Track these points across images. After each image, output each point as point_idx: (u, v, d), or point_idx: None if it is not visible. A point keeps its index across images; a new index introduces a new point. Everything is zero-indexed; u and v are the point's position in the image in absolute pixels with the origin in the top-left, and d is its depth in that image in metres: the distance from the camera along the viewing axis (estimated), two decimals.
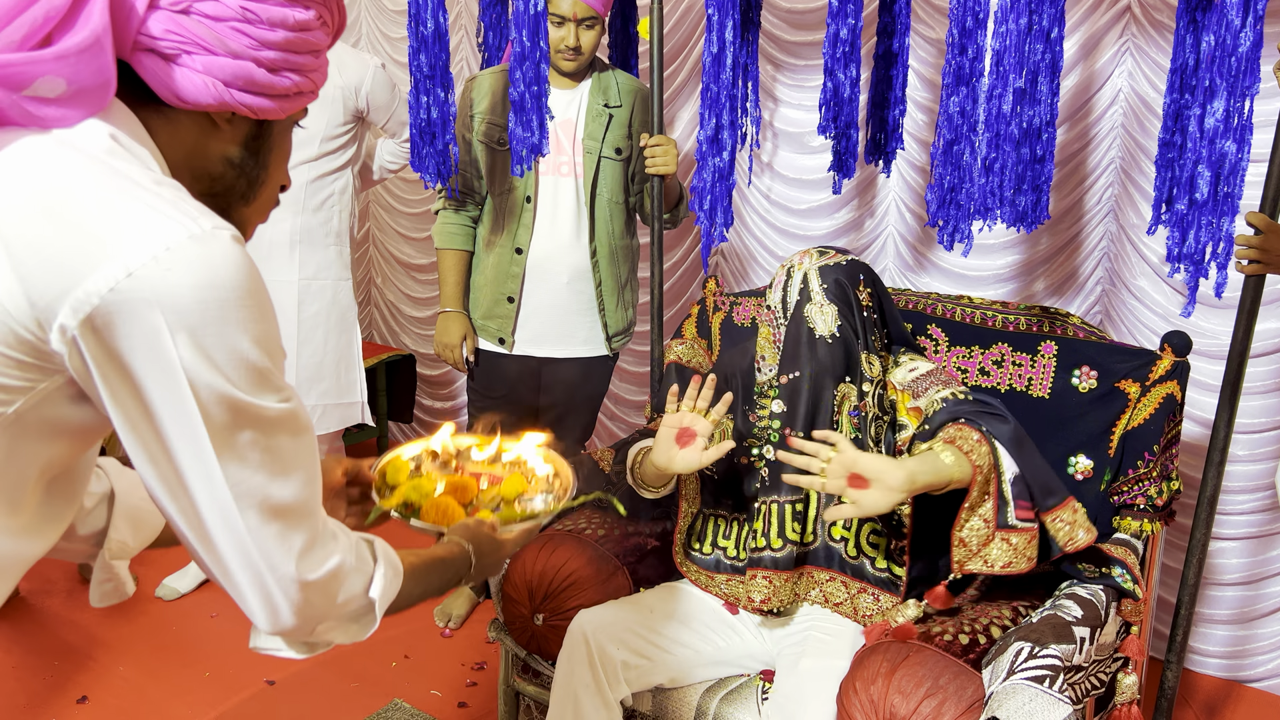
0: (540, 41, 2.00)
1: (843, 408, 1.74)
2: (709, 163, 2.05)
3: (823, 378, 1.73)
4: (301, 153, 2.65)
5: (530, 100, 2.05)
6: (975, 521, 1.55)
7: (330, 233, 2.77)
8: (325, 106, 2.66)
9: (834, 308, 1.74)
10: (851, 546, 1.76)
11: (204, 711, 2.39)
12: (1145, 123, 2.38)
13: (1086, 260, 2.57)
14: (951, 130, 1.90)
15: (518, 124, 2.09)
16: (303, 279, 2.72)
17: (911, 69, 2.61)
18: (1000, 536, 1.54)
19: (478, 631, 2.75)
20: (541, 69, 2.04)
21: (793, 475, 1.58)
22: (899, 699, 1.43)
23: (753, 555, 1.76)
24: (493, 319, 2.54)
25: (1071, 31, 2.39)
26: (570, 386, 2.60)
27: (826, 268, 1.76)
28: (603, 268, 2.51)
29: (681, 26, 3.02)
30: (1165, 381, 1.81)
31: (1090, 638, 1.50)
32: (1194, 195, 1.64)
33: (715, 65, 1.97)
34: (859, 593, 1.76)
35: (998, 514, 1.55)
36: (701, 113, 2.04)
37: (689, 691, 1.76)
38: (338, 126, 2.70)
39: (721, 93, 1.99)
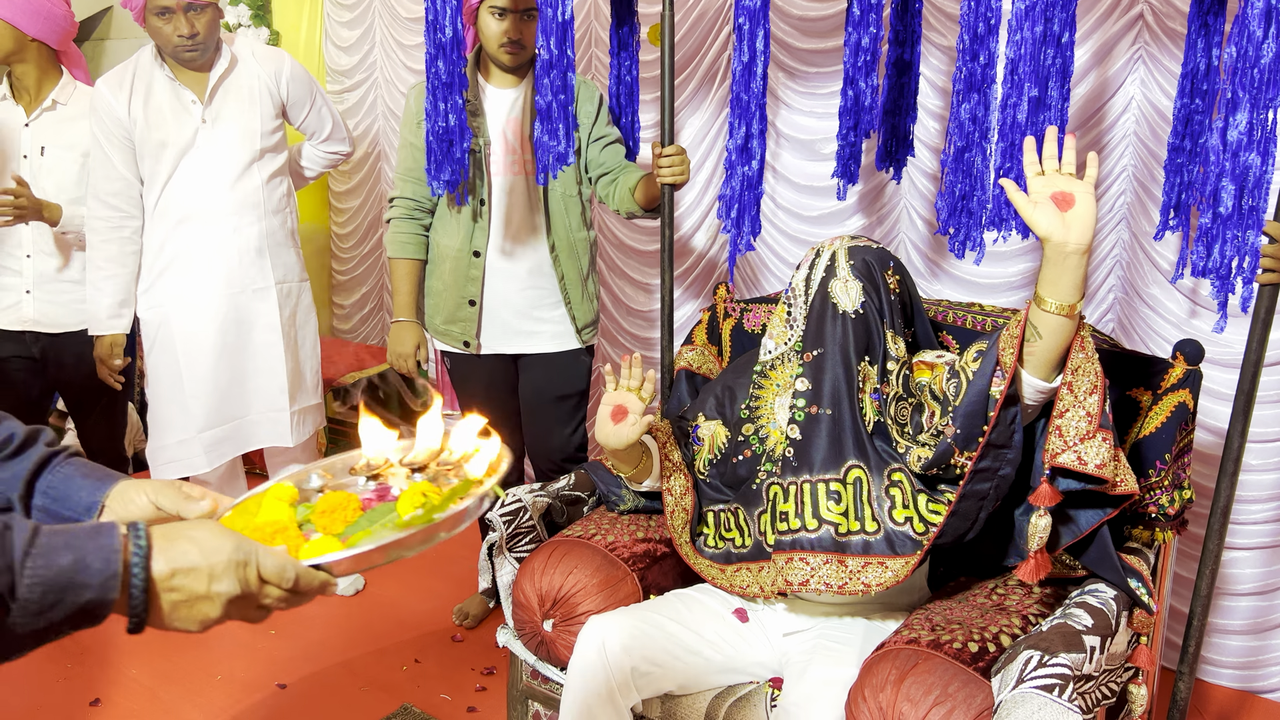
0: (568, 50, 2.00)
1: (865, 388, 1.72)
2: (737, 171, 2.05)
3: (844, 354, 1.72)
4: (245, 151, 2.64)
5: (558, 109, 2.05)
6: (1078, 413, 1.51)
7: (289, 234, 2.78)
8: (256, 102, 2.65)
9: (859, 284, 1.73)
10: (918, 522, 1.67)
11: (216, 715, 2.40)
12: (1158, 130, 2.37)
13: (1099, 268, 2.56)
14: (963, 137, 1.89)
15: (544, 133, 2.09)
16: (277, 283, 2.73)
17: (922, 75, 2.61)
18: (1102, 435, 1.50)
19: (489, 636, 2.75)
20: (569, 77, 2.04)
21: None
22: (907, 706, 1.43)
23: (782, 537, 1.71)
24: (455, 323, 2.54)
25: (1084, 39, 2.38)
26: (548, 380, 2.60)
27: (856, 248, 1.77)
28: (563, 262, 2.51)
29: (693, 35, 3.03)
30: (1178, 390, 1.80)
31: (1101, 647, 1.50)
32: (1218, 209, 1.63)
33: (746, 74, 1.98)
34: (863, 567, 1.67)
35: (1102, 409, 1.51)
36: (731, 121, 2.04)
37: (698, 698, 1.76)
38: (272, 120, 2.69)
39: (751, 101, 1.99)
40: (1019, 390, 1.56)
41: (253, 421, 2.75)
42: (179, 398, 2.68)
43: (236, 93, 2.63)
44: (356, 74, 4.08)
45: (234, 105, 2.63)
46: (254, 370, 2.73)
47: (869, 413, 1.72)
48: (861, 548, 1.67)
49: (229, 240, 2.65)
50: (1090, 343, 1.53)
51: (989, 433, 1.55)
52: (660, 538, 2.00)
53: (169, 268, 2.65)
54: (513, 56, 2.37)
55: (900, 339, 1.76)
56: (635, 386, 1.79)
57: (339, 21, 4.11)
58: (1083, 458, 1.50)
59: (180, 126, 2.58)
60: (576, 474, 2.13)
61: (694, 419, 1.98)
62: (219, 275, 2.65)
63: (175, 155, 2.59)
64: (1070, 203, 1.47)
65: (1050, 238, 1.47)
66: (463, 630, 2.79)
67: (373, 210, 4.22)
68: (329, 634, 2.76)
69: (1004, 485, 1.61)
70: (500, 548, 1.96)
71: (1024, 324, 1.53)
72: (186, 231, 2.63)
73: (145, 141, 2.57)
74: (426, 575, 3.12)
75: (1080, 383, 1.52)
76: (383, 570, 3.14)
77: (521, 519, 1.97)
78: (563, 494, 2.08)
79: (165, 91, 2.58)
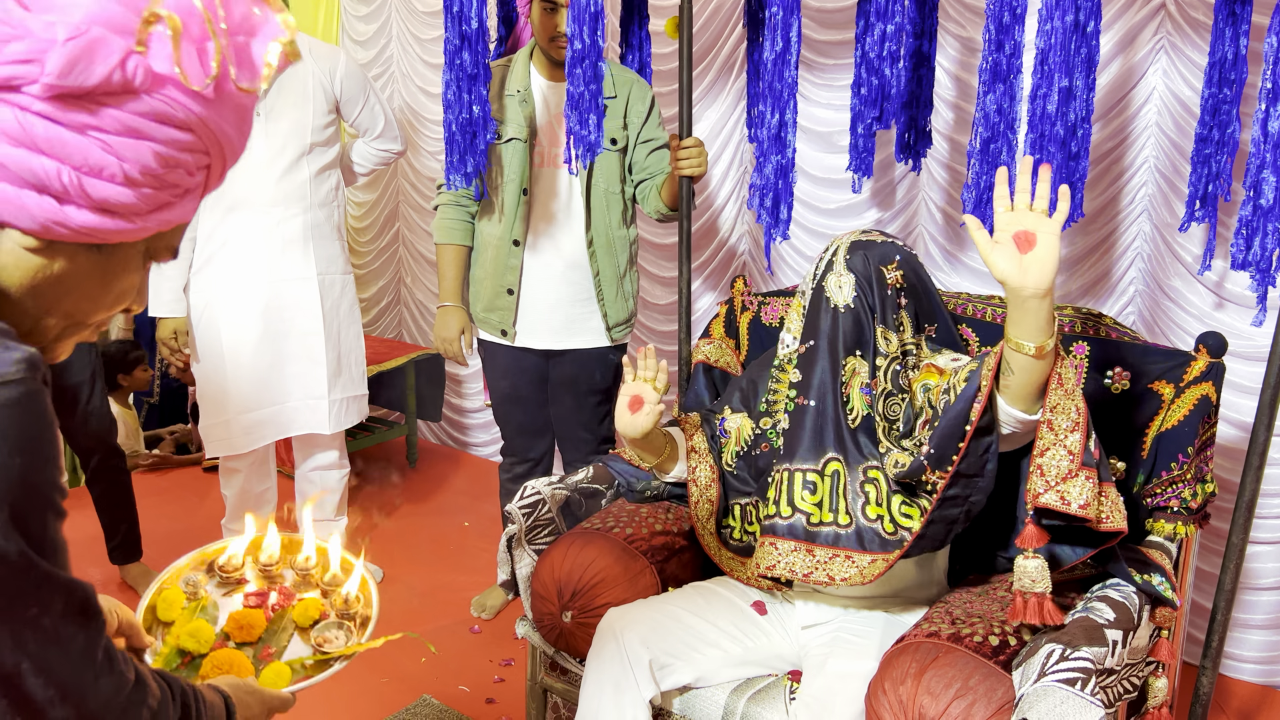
0: (599, 40, 2.01)
1: (853, 382, 1.72)
2: (770, 160, 2.04)
3: (832, 348, 1.73)
4: (295, 145, 2.67)
5: (589, 98, 2.05)
6: (1058, 451, 1.47)
7: (334, 227, 2.81)
8: (309, 97, 2.68)
9: (851, 278, 1.73)
10: (888, 522, 1.68)
11: None
12: (1180, 121, 2.35)
13: (1120, 260, 2.54)
14: (989, 128, 1.88)
15: (576, 122, 2.09)
16: (319, 274, 2.76)
17: (940, 66, 2.60)
18: (1085, 474, 1.46)
19: (507, 628, 2.76)
20: (600, 67, 2.04)
21: None
22: (928, 700, 1.42)
23: (763, 522, 1.76)
24: (494, 311, 2.56)
25: (1106, 28, 2.36)
26: (576, 377, 2.61)
27: (858, 243, 1.76)
28: (600, 258, 2.52)
29: (710, 26, 3.02)
30: (1200, 383, 1.79)
31: (1123, 641, 1.49)
32: (1259, 201, 1.61)
33: (779, 63, 1.97)
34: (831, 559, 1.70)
35: (1084, 446, 1.46)
36: (763, 111, 2.03)
37: (717, 691, 1.76)
38: (324, 116, 2.72)
39: (784, 90, 1.99)
40: (994, 420, 1.55)
41: (293, 408, 2.78)
42: (222, 380, 2.73)
43: (291, 88, 2.67)
44: (373, 68, 4.08)
45: (288, 100, 2.67)
46: (295, 357, 2.77)
47: (857, 407, 1.72)
48: (830, 539, 1.69)
49: (274, 230, 2.70)
50: (1071, 377, 1.49)
51: (957, 462, 1.54)
52: (679, 530, 2.00)
53: (217, 254, 2.70)
54: (559, 50, 2.39)
55: (894, 335, 1.73)
56: (650, 377, 1.81)
57: (356, 16, 4.11)
58: (1065, 497, 1.45)
59: None
60: (595, 467, 2.13)
61: (721, 411, 1.98)
62: (263, 263, 2.70)
63: None
64: (1031, 244, 1.40)
65: (1006, 281, 1.42)
66: (481, 622, 2.80)
67: (389, 204, 4.23)
68: None
69: (975, 509, 1.61)
70: (519, 540, 1.96)
71: (998, 357, 1.51)
72: (235, 220, 2.68)
73: None
74: (445, 567, 3.13)
75: (1060, 420, 1.48)
76: (401, 562, 3.16)
77: (540, 511, 1.97)
78: (581, 487, 2.08)
79: None
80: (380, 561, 3.12)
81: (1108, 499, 1.50)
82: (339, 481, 2.97)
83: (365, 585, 1.22)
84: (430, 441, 4.37)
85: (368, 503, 3.67)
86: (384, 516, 3.58)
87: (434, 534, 3.41)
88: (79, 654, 0.74)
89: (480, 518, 3.54)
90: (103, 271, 0.77)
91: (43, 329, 0.77)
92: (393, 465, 4.10)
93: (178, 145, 0.72)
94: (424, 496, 3.78)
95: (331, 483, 2.96)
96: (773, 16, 1.94)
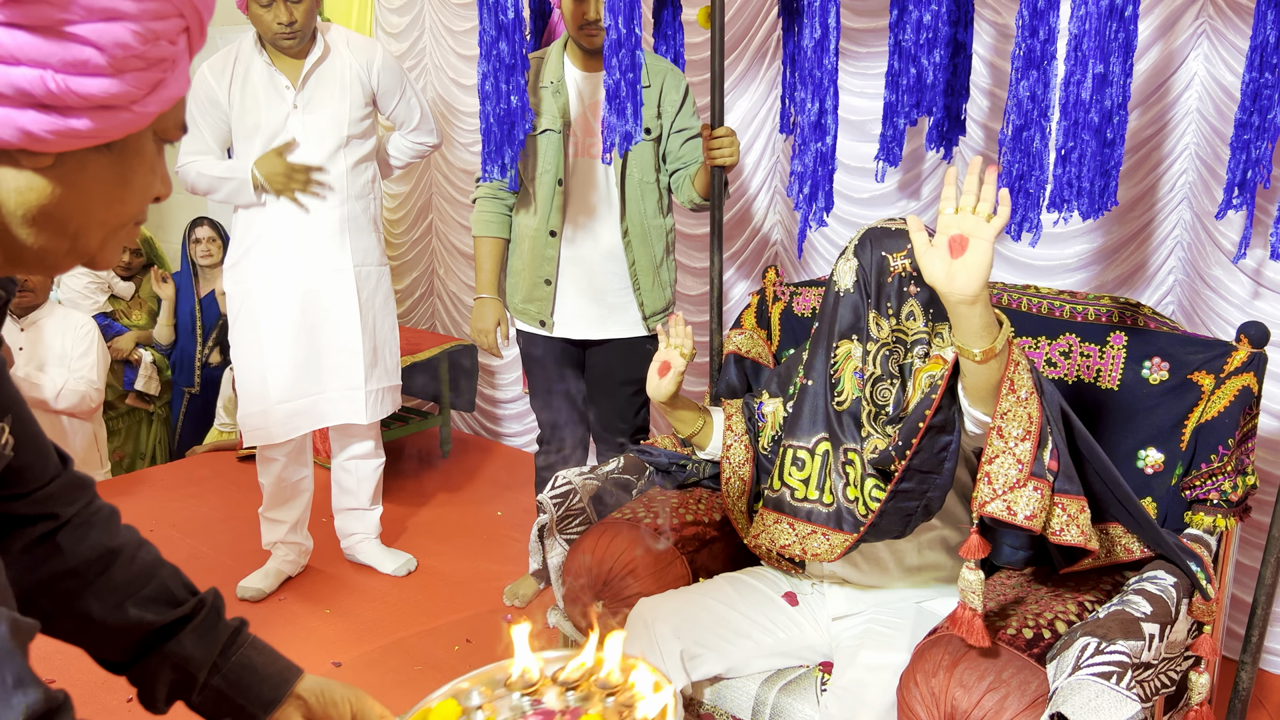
0: (636, 28, 2.01)
1: (846, 365, 1.74)
2: (810, 148, 2.03)
3: (829, 330, 1.77)
4: (332, 137, 2.69)
5: (626, 88, 2.05)
6: (1007, 460, 1.44)
7: (370, 219, 2.83)
8: (346, 90, 2.70)
9: (854, 263, 1.73)
10: (861, 505, 1.70)
11: None
12: (1221, 107, 2.30)
13: (1159, 249, 2.50)
14: (1021, 115, 1.85)
15: (612, 112, 2.09)
16: (355, 265, 2.78)
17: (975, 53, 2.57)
18: (1034, 484, 1.43)
19: (538, 617, 2.78)
20: (637, 56, 2.04)
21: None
22: (960, 692, 1.42)
23: (766, 496, 1.86)
24: (533, 302, 2.58)
25: (1146, 13, 2.32)
26: (612, 367, 2.62)
27: (873, 230, 1.75)
28: (635, 248, 2.52)
29: (742, 15, 3.01)
30: (1241, 373, 1.76)
31: (1160, 635, 1.47)
32: None
33: (818, 50, 1.96)
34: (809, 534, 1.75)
35: (1035, 456, 1.43)
36: (803, 99, 2.03)
37: (748, 681, 1.76)
38: (361, 109, 2.74)
39: (825, 78, 1.98)
40: (953, 420, 1.53)
41: (329, 398, 2.81)
42: (259, 369, 2.77)
43: (328, 80, 2.70)
44: (406, 60, 4.11)
45: (325, 92, 2.69)
46: (331, 348, 2.80)
47: (848, 390, 1.74)
48: (806, 515, 1.77)
49: (311, 222, 2.72)
50: (1025, 382, 1.44)
51: (910, 456, 1.53)
52: (710, 521, 2.00)
53: (255, 245, 2.74)
54: (590, 38, 2.39)
55: (885, 321, 1.72)
56: (679, 344, 1.87)
57: (389, 8, 4.14)
58: (1012, 507, 1.42)
59: (272, 110, 2.66)
60: (626, 457, 2.14)
61: (759, 396, 1.98)
62: (299, 255, 2.73)
63: (267, 138, 2.67)
64: (963, 249, 1.36)
65: (935, 286, 1.40)
66: (513, 611, 2.82)
67: (422, 196, 4.26)
68: (382, 614, 2.81)
69: (935, 505, 1.59)
70: (551, 529, 1.97)
71: (954, 358, 1.49)
72: (271, 211, 2.71)
73: (240, 124, 2.67)
74: (477, 556, 3.16)
75: (1010, 428, 1.45)
76: (434, 551, 3.19)
77: (571, 501, 1.98)
78: (613, 477, 2.09)
79: (262, 77, 2.66)
80: (414, 550, 3.15)
81: (1066, 513, 1.46)
82: (374, 471, 3.00)
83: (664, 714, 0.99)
84: (463, 432, 4.40)
85: (401, 492, 3.71)
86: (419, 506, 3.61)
87: (467, 523, 3.44)
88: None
89: (513, 507, 3.56)
90: (120, 170, 0.74)
91: (83, 245, 0.75)
92: (426, 455, 4.14)
93: (151, 15, 0.69)
94: (457, 486, 3.81)
95: (366, 472, 2.99)
96: (810, 5, 1.93)
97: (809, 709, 1.68)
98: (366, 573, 3.04)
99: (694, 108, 2.52)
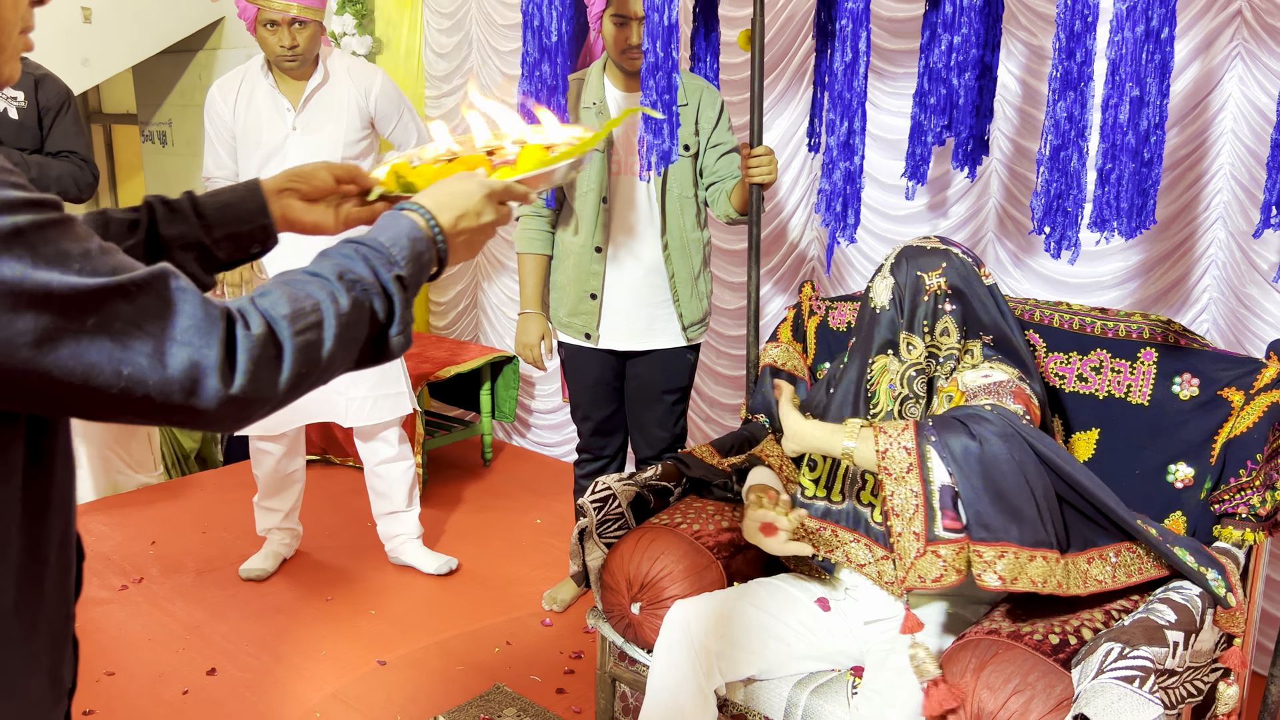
0: (674, 52, 2.09)
1: (882, 379, 1.82)
2: (839, 166, 2.10)
3: (864, 346, 1.84)
4: (328, 158, 2.82)
5: (663, 109, 2.14)
6: (907, 537, 1.57)
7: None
8: (344, 114, 2.88)
9: (890, 281, 1.81)
10: (877, 512, 1.78)
11: (320, 687, 2.54)
12: (1256, 128, 2.33)
13: (1194, 268, 2.53)
14: (1059, 135, 1.90)
15: (649, 131, 2.18)
16: None
17: (1009, 72, 2.61)
18: (931, 550, 1.55)
19: (577, 622, 2.85)
20: (674, 78, 2.12)
21: None
22: (987, 694, 1.46)
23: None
24: (578, 315, 2.66)
25: (1182, 34, 2.36)
26: (652, 377, 2.70)
27: (908, 248, 1.83)
28: (675, 260, 2.60)
29: (781, 37, 3.07)
30: (1271, 390, 1.78)
31: (1185, 643, 1.50)
32: None
33: (848, 73, 2.02)
34: (883, 559, 1.79)
35: (928, 526, 1.56)
36: (832, 119, 2.09)
37: (780, 684, 1.81)
38: (358, 131, 2.91)
39: (854, 99, 2.04)
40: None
41: (323, 398, 2.93)
42: None
43: (327, 104, 2.88)
44: (455, 79, 4.22)
45: (323, 115, 2.88)
46: None
47: (883, 402, 1.82)
48: (821, 513, 1.88)
49: (311, 242, 2.83)
50: (899, 463, 1.59)
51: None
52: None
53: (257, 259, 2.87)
54: (632, 62, 2.49)
55: (919, 341, 1.79)
56: (784, 511, 1.80)
57: (438, 29, 4.26)
58: (922, 576, 1.56)
59: (273, 130, 2.85)
60: (664, 465, 2.20)
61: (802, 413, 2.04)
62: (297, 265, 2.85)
63: (265, 156, 2.86)
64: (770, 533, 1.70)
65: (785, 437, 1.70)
66: (552, 615, 2.89)
67: None
68: (425, 615, 2.89)
69: None
70: (590, 533, 2.04)
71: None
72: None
73: (244, 142, 2.86)
74: (517, 562, 3.23)
75: (900, 506, 1.59)
76: (475, 556, 3.26)
77: (611, 506, 2.05)
78: (650, 483, 2.15)
79: (265, 97, 2.84)
80: (455, 555, 3.23)
81: (982, 559, 1.53)
82: (404, 474, 3.09)
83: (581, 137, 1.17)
84: (504, 441, 4.49)
85: (443, 498, 3.79)
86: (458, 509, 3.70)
87: (506, 530, 3.51)
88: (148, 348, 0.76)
89: (551, 515, 3.64)
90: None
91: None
92: (468, 463, 4.23)
93: None
94: (497, 494, 3.89)
95: (396, 475, 3.08)
96: (842, 29, 1.99)
97: (840, 711, 1.73)
98: (410, 576, 3.13)
99: (729, 124, 2.59)
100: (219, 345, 0.79)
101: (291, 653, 2.70)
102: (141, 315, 0.76)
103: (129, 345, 0.75)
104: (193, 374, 0.77)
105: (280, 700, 2.49)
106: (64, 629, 0.90)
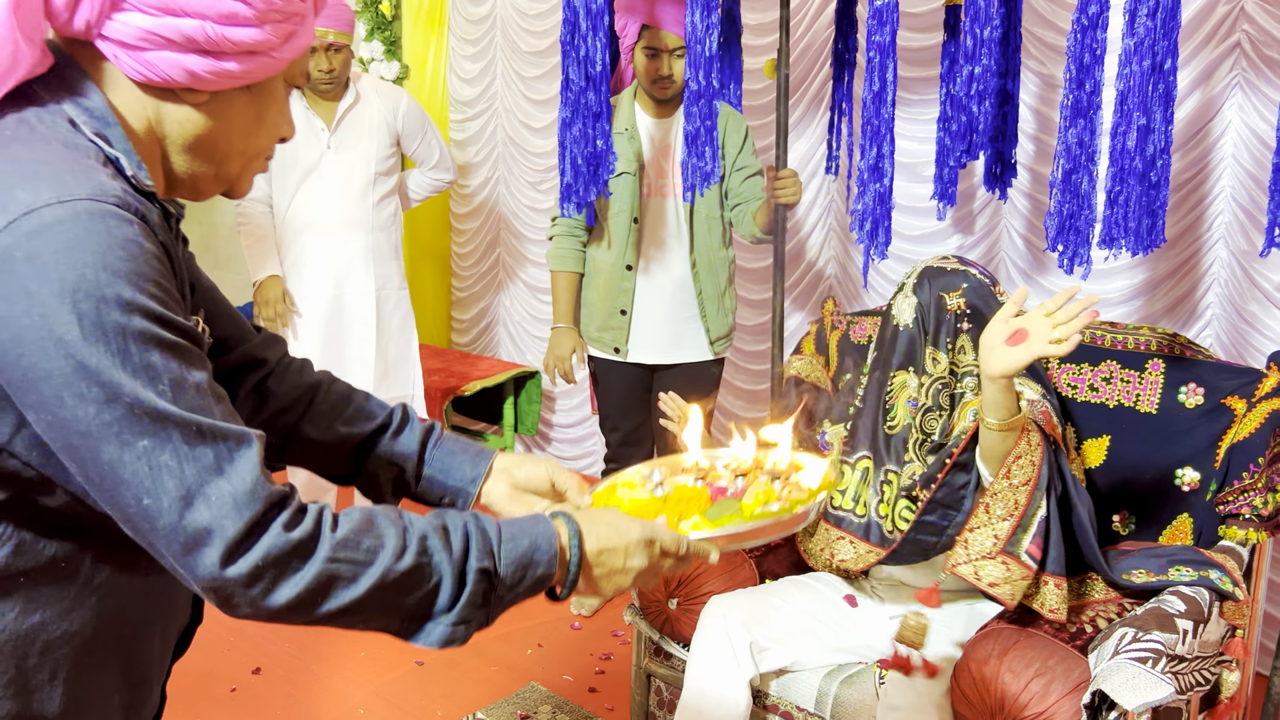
0: (714, 80, 2.22)
1: (901, 394, 1.92)
2: (869, 188, 2.22)
3: (887, 361, 1.94)
4: (361, 175, 3.04)
5: (705, 133, 2.27)
6: (987, 533, 1.66)
7: (392, 248, 3.20)
8: (375, 132, 3.06)
9: (914, 300, 1.92)
10: (889, 522, 1.89)
11: (360, 686, 2.65)
12: (1255, 154, 2.46)
13: (1198, 284, 2.65)
14: (1070, 160, 2.03)
15: (692, 155, 2.31)
16: (377, 289, 3.14)
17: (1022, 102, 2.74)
18: (1002, 559, 1.64)
19: (605, 626, 2.95)
20: (714, 105, 2.26)
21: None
22: (1010, 677, 1.57)
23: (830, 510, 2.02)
24: (608, 330, 2.78)
25: (1184, 64, 2.49)
26: (680, 388, 2.78)
27: (929, 269, 1.94)
28: (702, 278, 2.74)
29: (800, 64, 3.21)
30: (1272, 398, 1.90)
31: (1193, 631, 1.61)
32: None
33: (876, 101, 2.15)
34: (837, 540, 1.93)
35: (1011, 536, 1.64)
36: (863, 144, 2.22)
37: (811, 675, 1.92)
38: (387, 149, 3.10)
39: (882, 126, 2.16)
40: (974, 463, 1.72)
41: None
42: None
43: (359, 124, 3.06)
44: (478, 104, 4.37)
45: (356, 134, 3.05)
46: (348, 360, 3.13)
47: (900, 417, 1.91)
48: (836, 521, 1.96)
49: (339, 249, 3.09)
50: (1021, 473, 1.65)
51: (933, 490, 1.73)
52: None
53: (289, 271, 3.10)
54: (663, 90, 2.64)
55: (944, 356, 1.90)
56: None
57: (463, 55, 4.41)
58: (979, 573, 1.65)
59: (308, 149, 3.02)
60: None
61: (820, 426, 2.15)
62: (328, 277, 3.09)
63: (302, 174, 3.03)
64: (1017, 342, 1.57)
65: (980, 349, 1.62)
66: (581, 619, 2.99)
67: (490, 231, 4.49)
68: None
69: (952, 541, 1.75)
70: None
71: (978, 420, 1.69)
72: (306, 239, 3.08)
73: (279, 159, 3.01)
74: None
75: (996, 507, 1.67)
76: None
77: None
78: None
79: (300, 118, 3.00)
80: None
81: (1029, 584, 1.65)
82: None
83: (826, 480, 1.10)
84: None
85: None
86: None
87: None
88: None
89: None
90: (257, 109, 0.90)
91: (225, 171, 0.92)
92: None
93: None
94: None
95: None
96: (870, 60, 2.12)
97: (868, 700, 1.83)
98: None
99: (753, 148, 2.73)
100: (243, 523, 0.76)
101: (331, 653, 2.80)
102: (191, 461, 0.75)
103: (161, 480, 0.74)
104: (199, 538, 0.75)
105: (324, 697, 2.60)
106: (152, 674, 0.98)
